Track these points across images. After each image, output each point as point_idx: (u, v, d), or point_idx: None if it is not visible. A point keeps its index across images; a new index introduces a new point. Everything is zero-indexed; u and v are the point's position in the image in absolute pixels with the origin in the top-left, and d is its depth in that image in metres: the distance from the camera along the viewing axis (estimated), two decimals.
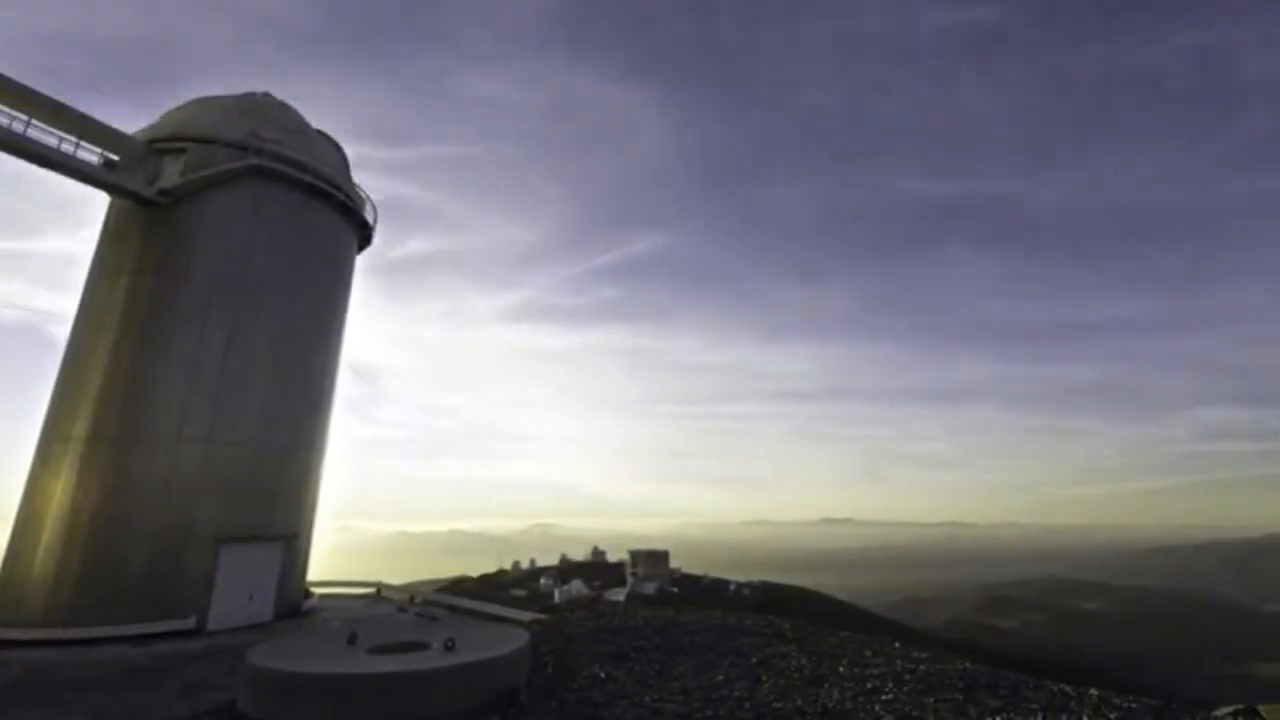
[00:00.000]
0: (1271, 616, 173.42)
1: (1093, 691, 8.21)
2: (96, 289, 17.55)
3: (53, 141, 16.60)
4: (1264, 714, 8.10)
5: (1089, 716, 7.10)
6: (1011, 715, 7.13)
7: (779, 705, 7.61)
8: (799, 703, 7.69)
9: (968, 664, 9.94)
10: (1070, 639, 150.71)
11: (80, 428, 15.91)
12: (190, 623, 15.15)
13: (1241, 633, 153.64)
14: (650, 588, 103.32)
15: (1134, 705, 7.58)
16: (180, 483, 15.88)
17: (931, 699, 7.74)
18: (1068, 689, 8.36)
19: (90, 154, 17.42)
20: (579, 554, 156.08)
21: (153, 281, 17.06)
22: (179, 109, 20.24)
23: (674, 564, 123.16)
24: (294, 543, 18.42)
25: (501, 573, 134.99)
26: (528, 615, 18.83)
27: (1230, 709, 8.42)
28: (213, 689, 10.40)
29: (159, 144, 18.57)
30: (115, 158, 18.00)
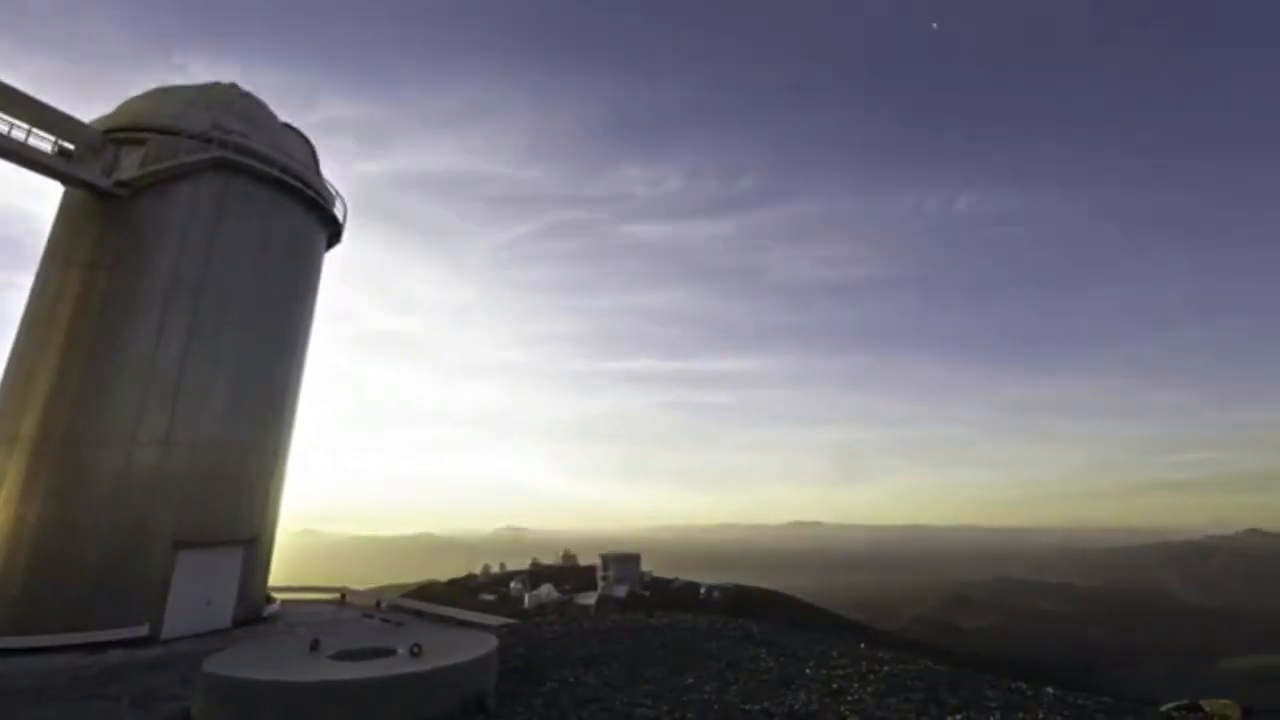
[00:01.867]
0: (1217, 615, 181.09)
1: (1048, 690, 8.48)
2: (47, 283, 16.86)
3: (2, 128, 15.92)
4: (1206, 708, 8.47)
5: (1044, 714, 7.33)
6: (971, 714, 7.31)
7: (747, 707, 7.67)
8: (766, 705, 7.77)
9: (930, 664, 10.17)
10: (1029, 639, 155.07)
11: (28, 428, 15.26)
12: (144, 630, 14.64)
13: (1188, 632, 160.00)
14: (621, 591, 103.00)
15: (1087, 703, 7.85)
16: (134, 485, 15.36)
17: (895, 699, 7.90)
18: (1025, 688, 8.61)
19: (43, 142, 16.77)
20: (550, 558, 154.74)
21: (108, 277, 16.47)
22: (139, 98, 19.60)
23: (645, 567, 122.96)
24: (255, 547, 17.94)
25: (470, 577, 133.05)
26: (496, 620, 18.64)
27: (1175, 704, 8.79)
28: (167, 698, 10.06)
29: (117, 134, 17.96)
30: (70, 147, 17.37)
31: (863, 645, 11.94)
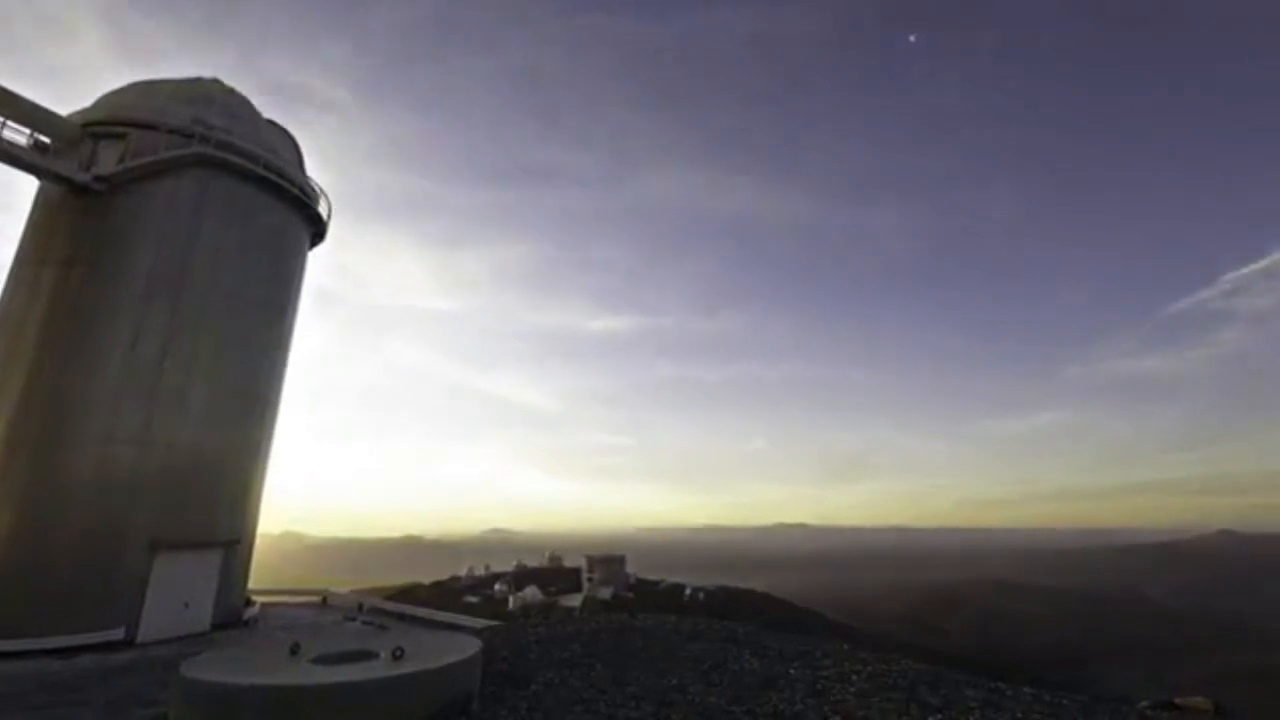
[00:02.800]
0: (1187, 615, 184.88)
1: (1027, 689, 8.62)
2: (21, 281, 16.49)
3: None
4: (1180, 705, 8.67)
5: (1023, 713, 7.45)
6: (951, 713, 7.41)
7: (732, 709, 7.71)
8: (750, 706, 7.81)
9: (912, 664, 10.28)
10: (1008, 638, 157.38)
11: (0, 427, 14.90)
12: (119, 633, 14.36)
13: (1161, 631, 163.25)
14: (606, 593, 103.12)
15: (1064, 702, 7.99)
16: (110, 486, 15.05)
17: (877, 699, 7.98)
18: (1004, 687, 8.74)
19: (18, 134, 16.42)
20: (536, 560, 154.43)
21: (84, 274, 16.14)
22: (118, 92, 19.25)
23: (630, 569, 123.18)
24: (235, 549, 17.67)
25: (454, 579, 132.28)
26: (481, 622, 18.56)
27: (1150, 702, 8.98)
28: (143, 703, 9.88)
29: (96, 128, 17.62)
30: (46, 140, 17.02)
31: (846, 646, 12.05)
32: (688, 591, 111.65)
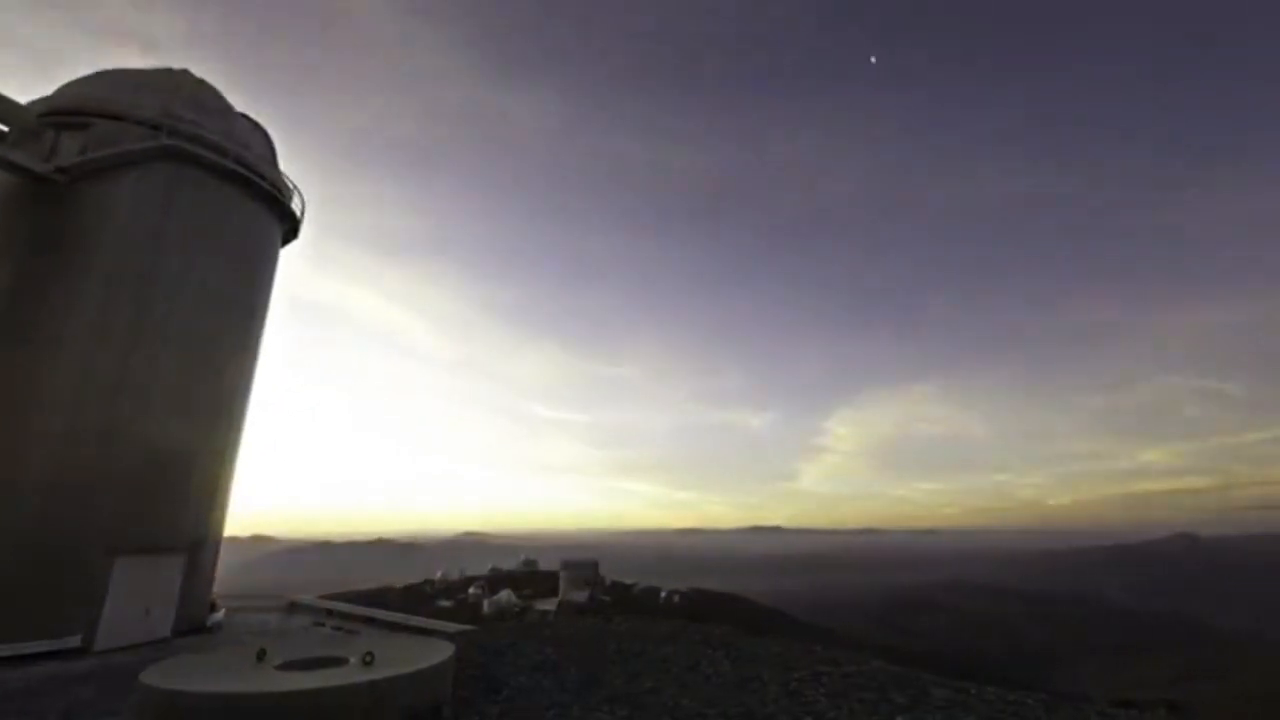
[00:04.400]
0: (1144, 616, 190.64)
1: (991, 689, 8.84)
2: None
3: None
4: (1136, 704, 8.95)
5: (987, 712, 7.63)
6: (919, 712, 7.57)
7: (706, 711, 7.77)
8: (724, 708, 7.87)
9: (884, 664, 10.46)
10: (975, 639, 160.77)
11: None
12: (75, 641, 13.87)
13: (1119, 632, 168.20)
14: (581, 597, 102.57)
15: (1028, 701, 8.22)
16: (68, 486, 14.54)
17: (848, 700, 8.11)
18: (970, 687, 8.95)
19: None
20: (510, 563, 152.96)
21: (45, 267, 15.59)
22: (82, 81, 18.66)
23: (605, 572, 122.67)
24: (199, 552, 17.21)
25: (427, 583, 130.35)
26: (454, 626, 18.34)
27: (1108, 701, 9.25)
28: (100, 712, 9.57)
29: (57, 117, 17.05)
30: (4, 129, 16.44)
31: (818, 647, 12.20)
32: (662, 595, 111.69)
